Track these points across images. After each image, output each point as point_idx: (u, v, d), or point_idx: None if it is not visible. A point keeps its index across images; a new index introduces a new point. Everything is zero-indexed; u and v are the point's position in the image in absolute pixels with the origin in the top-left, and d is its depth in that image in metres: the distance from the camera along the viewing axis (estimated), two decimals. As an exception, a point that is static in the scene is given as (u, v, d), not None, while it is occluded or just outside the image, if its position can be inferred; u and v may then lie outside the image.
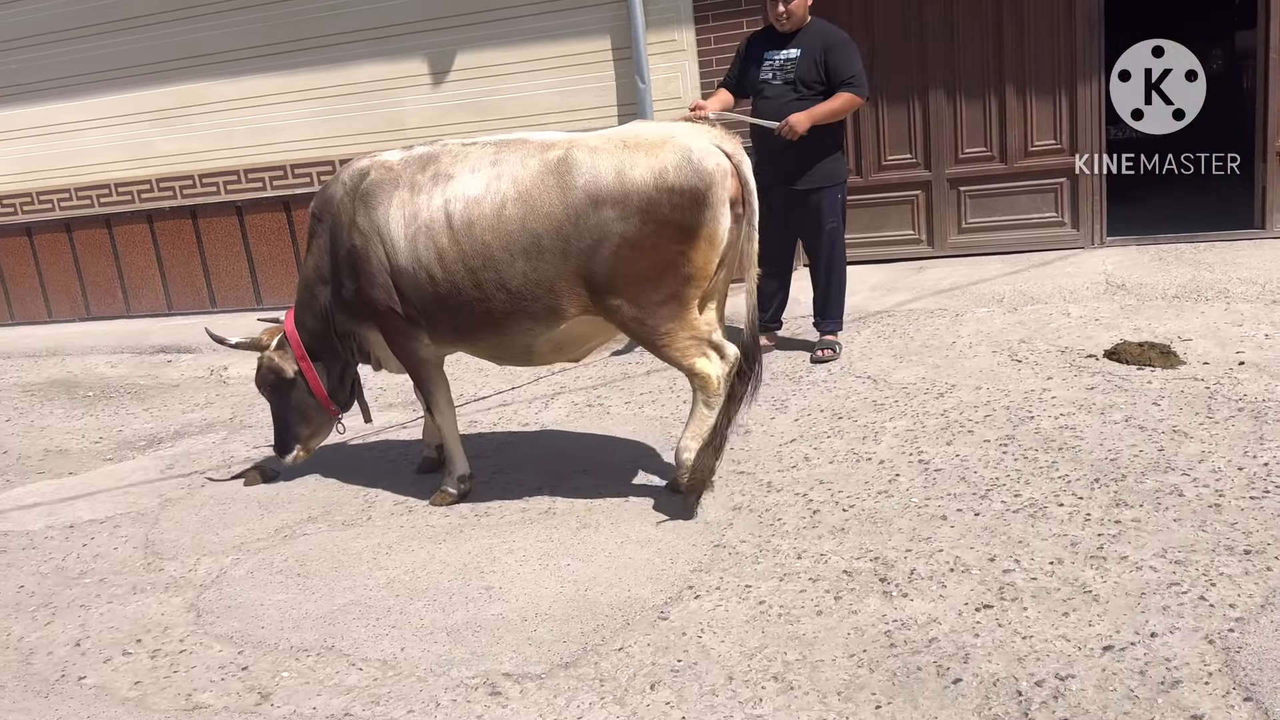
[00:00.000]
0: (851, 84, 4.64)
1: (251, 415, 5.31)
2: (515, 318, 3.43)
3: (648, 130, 3.40)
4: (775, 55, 4.77)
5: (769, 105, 4.74)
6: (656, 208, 3.19)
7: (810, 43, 4.71)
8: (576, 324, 3.45)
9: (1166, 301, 5.01)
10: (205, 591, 3.28)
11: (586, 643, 2.71)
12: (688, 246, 3.24)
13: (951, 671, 2.39)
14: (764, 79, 4.78)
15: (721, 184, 3.22)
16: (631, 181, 3.21)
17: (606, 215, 3.22)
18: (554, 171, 3.30)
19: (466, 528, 3.53)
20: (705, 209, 3.21)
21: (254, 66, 7.22)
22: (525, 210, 3.31)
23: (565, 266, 3.31)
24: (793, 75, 4.70)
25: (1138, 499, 3.10)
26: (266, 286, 7.70)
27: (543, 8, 6.54)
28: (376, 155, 3.71)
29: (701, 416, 3.41)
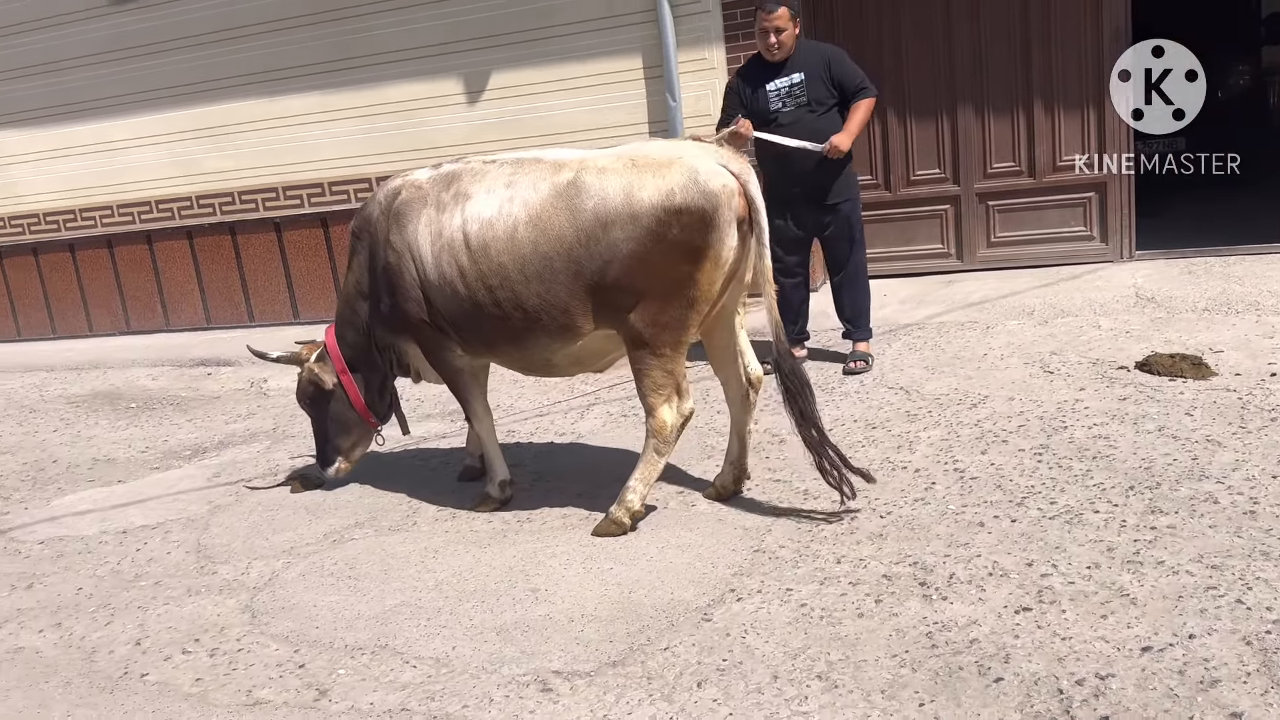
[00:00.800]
0: (865, 90, 4.82)
1: (293, 426, 5.42)
2: (533, 333, 3.51)
3: (656, 150, 3.43)
4: (778, 83, 4.84)
5: (789, 132, 4.79)
6: (666, 228, 3.21)
7: (809, 62, 4.82)
8: (592, 340, 3.51)
9: (1197, 314, 5.04)
10: (259, 593, 3.38)
11: (633, 643, 2.78)
12: (695, 267, 3.26)
13: (993, 671, 2.45)
14: (775, 108, 4.85)
15: (728, 204, 3.25)
16: (640, 203, 3.23)
17: (615, 236, 3.26)
18: (563, 195, 3.35)
19: (510, 533, 3.62)
20: (712, 230, 3.24)
21: (293, 86, 7.39)
22: (537, 234, 3.37)
23: (577, 287, 3.36)
24: (805, 98, 4.81)
25: (1173, 506, 3.15)
26: (304, 301, 7.84)
27: (575, 28, 6.67)
28: (409, 174, 3.82)
29: (651, 461, 3.46)
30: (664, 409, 3.40)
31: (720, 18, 6.34)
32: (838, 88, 4.81)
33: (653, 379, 3.37)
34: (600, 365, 3.76)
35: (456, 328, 3.64)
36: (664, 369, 3.36)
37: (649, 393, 3.40)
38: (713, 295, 3.34)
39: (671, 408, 3.41)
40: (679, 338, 3.35)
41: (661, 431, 3.42)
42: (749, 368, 3.60)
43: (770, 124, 4.82)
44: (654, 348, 3.33)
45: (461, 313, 3.57)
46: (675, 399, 3.42)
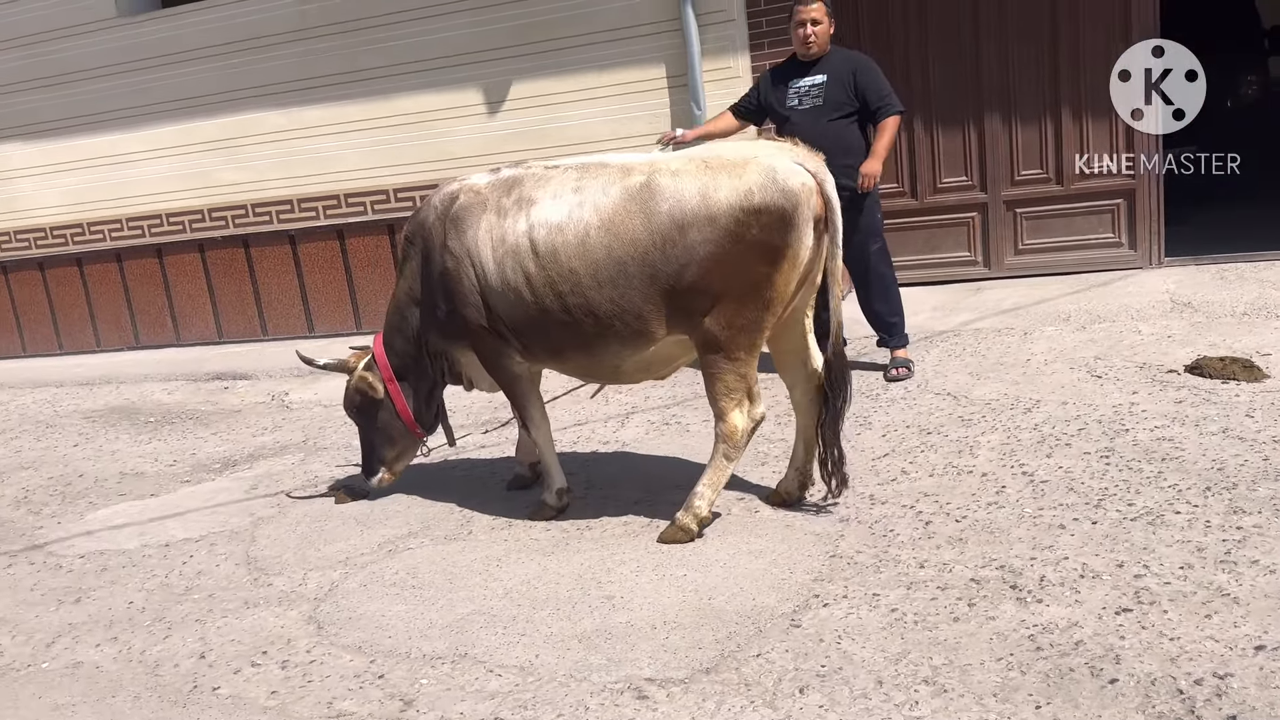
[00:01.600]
0: (890, 105, 4.79)
1: (324, 438, 5.34)
2: (604, 339, 3.44)
3: (728, 150, 3.39)
4: (800, 82, 4.88)
5: (798, 130, 4.51)
6: (745, 229, 3.16)
7: (836, 67, 4.85)
8: (664, 345, 3.44)
9: (1236, 319, 5.04)
10: (321, 604, 3.29)
11: (722, 649, 2.72)
12: (773, 268, 3.21)
13: (1105, 672, 2.40)
14: (790, 105, 4.89)
15: (807, 203, 3.19)
16: (717, 203, 3.18)
17: (693, 239, 3.20)
18: (636, 198, 3.29)
19: (571, 541, 3.54)
20: (791, 229, 3.19)
21: (309, 98, 7.32)
22: (610, 238, 3.30)
23: (652, 291, 3.30)
24: (821, 99, 4.83)
25: (1255, 506, 3.11)
26: (319, 314, 7.75)
27: (596, 38, 6.64)
28: (466, 179, 3.76)
29: (720, 467, 3.41)
30: (735, 413, 3.34)
31: (745, 26, 6.32)
32: (860, 98, 4.79)
33: (725, 383, 3.31)
34: (666, 372, 3.69)
35: (519, 334, 3.57)
36: (737, 373, 3.31)
37: (720, 396, 3.34)
38: (788, 296, 3.29)
39: (743, 412, 3.36)
40: (754, 340, 3.29)
41: (732, 436, 3.36)
42: (819, 371, 3.55)
43: (782, 121, 4.89)
44: (728, 351, 3.27)
45: (526, 319, 3.50)
46: (746, 403, 3.36)
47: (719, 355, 3.29)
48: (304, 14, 7.17)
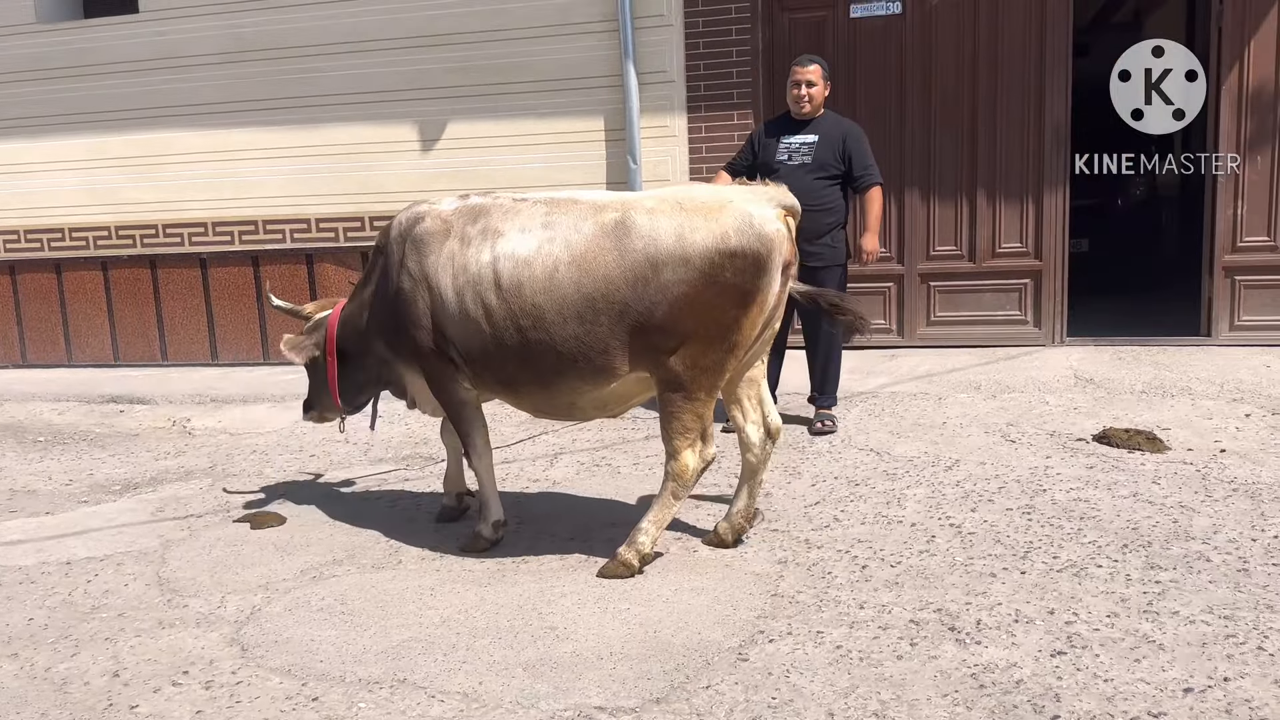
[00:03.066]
0: (873, 175, 5.00)
1: (232, 464, 5.14)
2: (563, 375, 3.41)
3: (702, 193, 3.43)
4: (792, 140, 5.04)
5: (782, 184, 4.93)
6: (719, 271, 3.19)
7: (829, 130, 5.01)
8: (625, 383, 3.43)
9: (1135, 396, 5.34)
10: (244, 627, 3.14)
11: (671, 680, 2.70)
12: (742, 311, 3.25)
13: (1047, 709, 2.47)
14: (779, 160, 5.02)
15: (779, 249, 3.26)
16: (693, 245, 3.20)
17: (667, 278, 3.21)
18: (611, 234, 3.29)
19: (508, 573, 3.48)
20: (764, 274, 3.24)
21: (232, 120, 7.20)
22: (580, 274, 3.29)
23: (619, 328, 3.29)
24: (810, 158, 4.98)
25: (1169, 562, 3.28)
26: (224, 342, 7.51)
27: (537, 86, 6.73)
28: (433, 202, 3.71)
29: (667, 504, 3.42)
30: (688, 453, 3.36)
31: (684, 87, 6.51)
32: (846, 162, 4.96)
33: (682, 422, 3.33)
34: (620, 410, 3.68)
35: (471, 363, 3.52)
36: (695, 413, 3.33)
37: (676, 435, 3.35)
38: (752, 339, 3.34)
39: (695, 452, 3.38)
40: (714, 382, 3.33)
41: (683, 475, 3.37)
42: (769, 418, 3.60)
43: (770, 174, 4.90)
44: (689, 391, 3.30)
45: (482, 349, 3.46)
46: (699, 444, 3.39)
47: (679, 395, 3.31)
48: (237, 37, 7.06)
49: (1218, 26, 6.10)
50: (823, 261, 4.97)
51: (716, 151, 6.52)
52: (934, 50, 6.41)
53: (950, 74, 6.42)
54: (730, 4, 6.40)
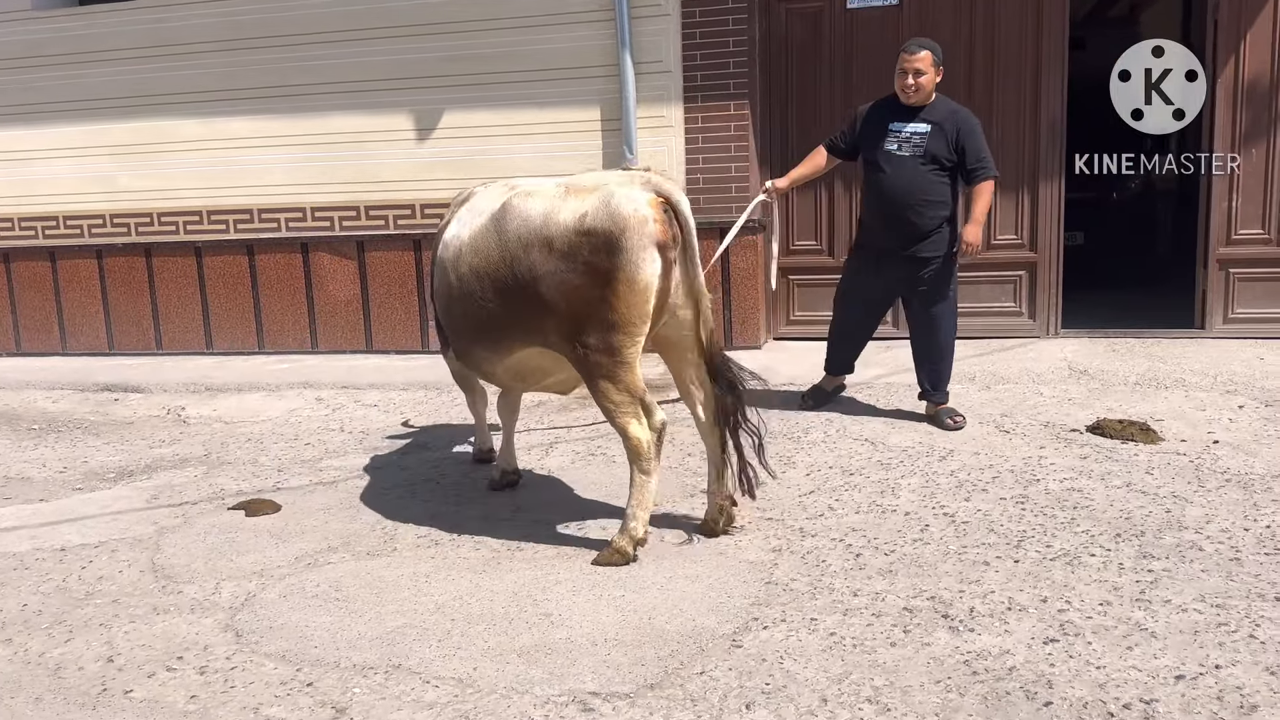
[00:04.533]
0: (987, 168, 4.71)
1: (227, 453, 5.13)
2: (475, 347, 3.72)
3: (587, 178, 3.48)
4: (903, 127, 4.76)
5: (892, 177, 4.76)
6: (577, 251, 3.27)
7: (942, 119, 4.73)
8: (528, 356, 3.58)
9: (1129, 387, 5.35)
10: (238, 613, 3.14)
11: (666, 666, 2.71)
12: (607, 290, 3.26)
13: (1040, 696, 2.49)
14: (888, 149, 4.76)
15: (637, 230, 3.23)
16: (555, 225, 3.31)
17: (535, 258, 3.34)
18: (494, 219, 3.47)
19: (503, 560, 3.49)
20: (619, 253, 3.23)
21: (229, 109, 7.17)
22: (474, 256, 3.51)
23: (506, 305, 3.44)
24: (923, 149, 4.71)
25: (1162, 552, 3.29)
26: (219, 331, 7.49)
27: (533, 76, 6.71)
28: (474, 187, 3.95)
29: (641, 484, 3.44)
30: (633, 426, 3.40)
31: (681, 78, 6.49)
32: (958, 154, 4.69)
33: (609, 399, 3.40)
34: (549, 384, 3.81)
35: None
36: (615, 389, 3.38)
37: (612, 415, 3.43)
38: (638, 320, 3.31)
39: (640, 424, 3.41)
40: (615, 360, 3.33)
41: (638, 450, 3.41)
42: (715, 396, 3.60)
43: (876, 164, 4.79)
44: (592, 370, 3.38)
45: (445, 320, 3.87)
46: (642, 416, 3.43)
47: (588, 376, 3.43)
48: (234, 25, 7.03)
49: (1214, 21, 6.10)
50: (931, 252, 4.80)
51: (713, 142, 6.52)
52: (931, 42, 6.40)
53: (948, 66, 6.39)
54: (728, -6, 6.39)
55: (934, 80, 4.74)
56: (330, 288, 7.23)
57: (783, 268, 6.83)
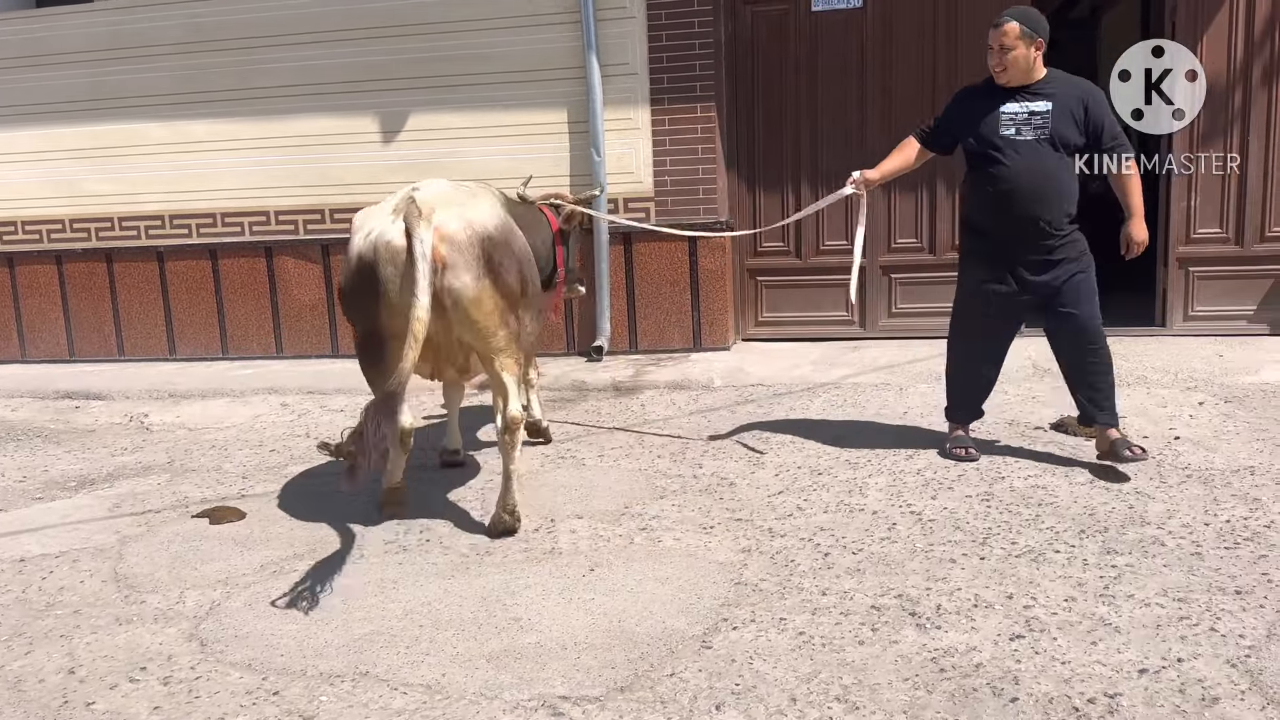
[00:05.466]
0: (1123, 145, 4.12)
1: (191, 459, 5.07)
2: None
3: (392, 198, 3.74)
4: (1016, 109, 4.10)
5: (1015, 165, 4.08)
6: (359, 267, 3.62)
7: (1062, 94, 4.08)
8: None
9: (1092, 385, 5.40)
10: (203, 622, 3.10)
11: (636, 669, 2.70)
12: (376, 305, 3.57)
13: (1006, 692, 2.51)
14: (1005, 134, 4.10)
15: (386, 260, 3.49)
16: (353, 244, 3.69)
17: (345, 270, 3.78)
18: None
19: (471, 565, 3.47)
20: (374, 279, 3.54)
21: (191, 112, 7.10)
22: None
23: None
24: (1046, 130, 4.06)
25: (1125, 547, 3.33)
26: (182, 336, 7.41)
27: (499, 78, 6.69)
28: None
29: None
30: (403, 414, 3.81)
31: (648, 80, 6.51)
32: (1090, 133, 4.08)
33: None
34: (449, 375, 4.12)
35: None
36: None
37: None
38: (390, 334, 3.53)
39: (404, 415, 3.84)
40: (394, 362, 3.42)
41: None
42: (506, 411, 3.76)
43: (995, 150, 4.13)
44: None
45: None
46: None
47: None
48: (196, 27, 6.95)
49: (1171, 24, 6.20)
50: (1068, 254, 4.17)
51: (680, 144, 6.54)
52: (894, 43, 6.47)
53: (911, 67, 6.48)
54: (693, -4, 6.40)
55: (1029, 55, 4.06)
56: (295, 292, 7.17)
57: (751, 269, 6.88)
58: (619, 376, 6.14)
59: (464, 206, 3.63)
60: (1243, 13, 6.01)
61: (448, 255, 3.48)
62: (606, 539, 3.64)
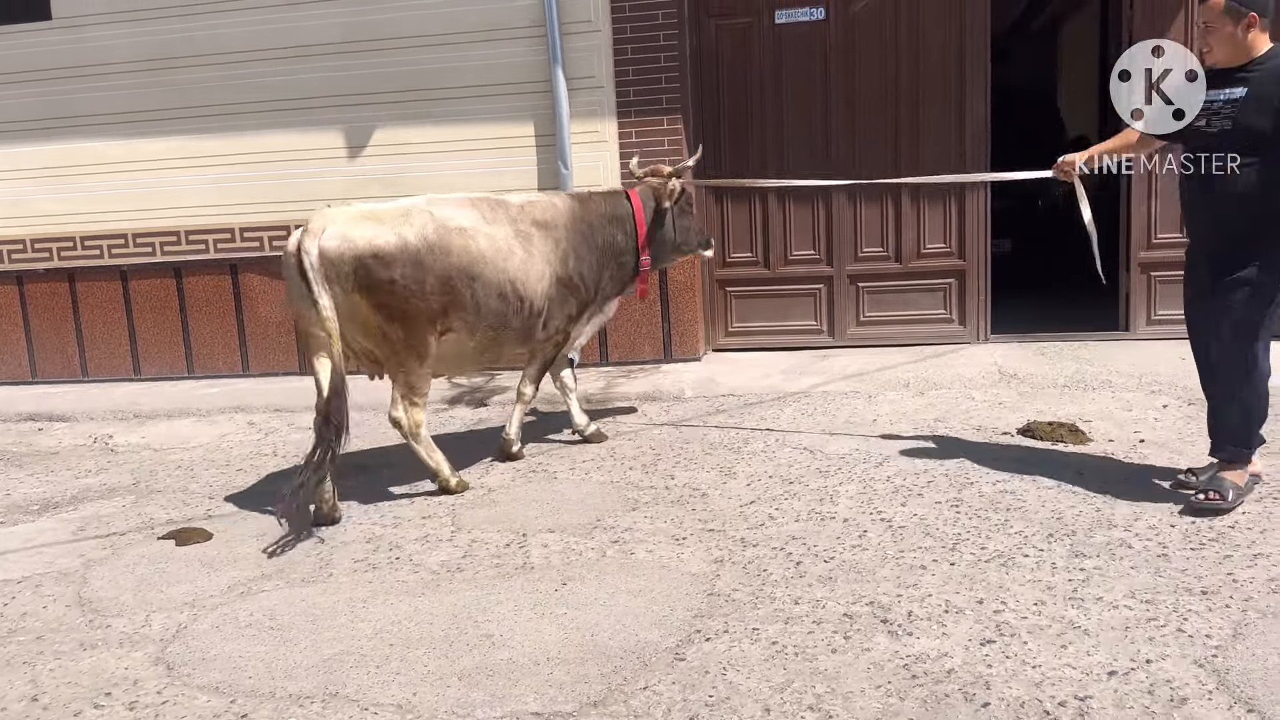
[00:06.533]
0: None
1: (156, 480, 5.00)
2: None
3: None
4: (1216, 95, 3.62)
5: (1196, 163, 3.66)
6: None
7: (1263, 79, 3.49)
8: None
9: (1058, 390, 5.47)
10: (169, 646, 3.05)
11: (609, 683, 2.69)
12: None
13: (978, 697, 2.52)
14: (1197, 125, 3.66)
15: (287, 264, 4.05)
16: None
17: None
18: None
19: (442, 582, 3.44)
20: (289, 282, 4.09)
21: (153, 129, 7.02)
22: None
23: None
24: (1230, 123, 3.53)
25: (1093, 550, 3.37)
26: (147, 356, 7.31)
27: (465, 92, 6.68)
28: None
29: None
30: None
31: (614, 93, 6.51)
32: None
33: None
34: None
35: None
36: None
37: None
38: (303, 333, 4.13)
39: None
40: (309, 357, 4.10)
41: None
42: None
43: (1188, 141, 3.73)
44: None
45: None
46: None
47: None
48: (157, 44, 6.88)
49: (1128, 33, 6.31)
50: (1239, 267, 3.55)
51: (647, 156, 6.51)
52: (857, 56, 6.52)
53: (874, 79, 6.53)
54: (657, 10, 6.42)
55: (1235, 35, 3.51)
56: (261, 309, 7.10)
57: (720, 280, 6.90)
58: (590, 389, 6.13)
59: (357, 225, 4.04)
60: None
61: (323, 269, 3.93)
62: (579, 552, 3.63)
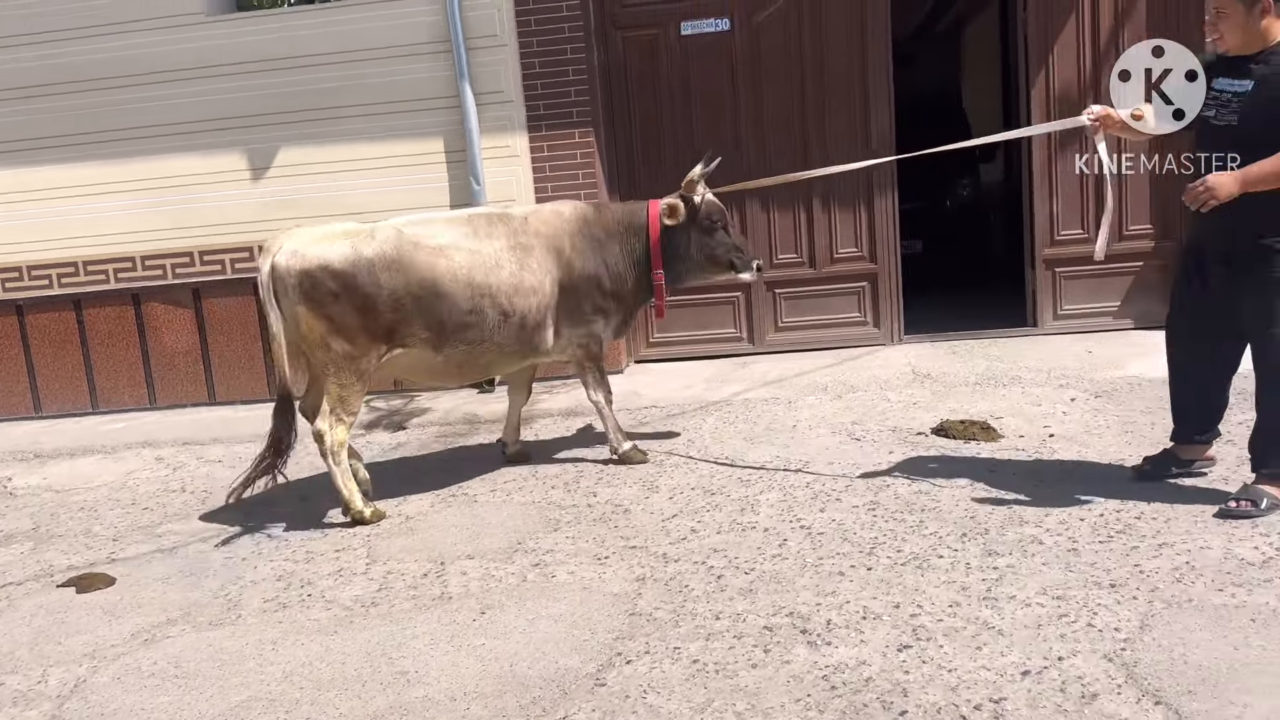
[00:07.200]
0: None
1: (57, 524, 4.79)
2: None
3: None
4: (1224, 85, 3.48)
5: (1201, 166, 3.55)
6: None
7: (1273, 74, 3.35)
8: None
9: (970, 388, 5.57)
10: (67, 702, 2.92)
11: (527, 715, 2.64)
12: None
13: (895, 705, 2.53)
14: (1205, 115, 3.53)
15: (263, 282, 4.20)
16: None
17: None
18: None
19: (356, 619, 3.35)
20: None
21: (44, 156, 6.76)
22: None
23: None
24: (1235, 117, 3.41)
25: (1006, 548, 3.42)
26: (47, 393, 7.02)
27: (375, 109, 6.55)
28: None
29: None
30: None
31: (524, 107, 6.45)
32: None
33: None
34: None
35: None
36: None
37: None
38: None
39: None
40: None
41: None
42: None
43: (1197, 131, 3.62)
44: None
45: None
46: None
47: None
48: (48, 68, 6.62)
49: (1024, 35, 6.48)
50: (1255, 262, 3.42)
51: (560, 170, 6.50)
52: (763, 65, 6.57)
53: (780, 87, 6.59)
54: (563, 24, 6.38)
55: (1244, 25, 3.38)
56: (166, 339, 6.88)
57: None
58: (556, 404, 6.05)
59: (315, 241, 4.22)
60: (1089, 26, 6.33)
61: (273, 284, 4.16)
62: (498, 578, 3.57)
